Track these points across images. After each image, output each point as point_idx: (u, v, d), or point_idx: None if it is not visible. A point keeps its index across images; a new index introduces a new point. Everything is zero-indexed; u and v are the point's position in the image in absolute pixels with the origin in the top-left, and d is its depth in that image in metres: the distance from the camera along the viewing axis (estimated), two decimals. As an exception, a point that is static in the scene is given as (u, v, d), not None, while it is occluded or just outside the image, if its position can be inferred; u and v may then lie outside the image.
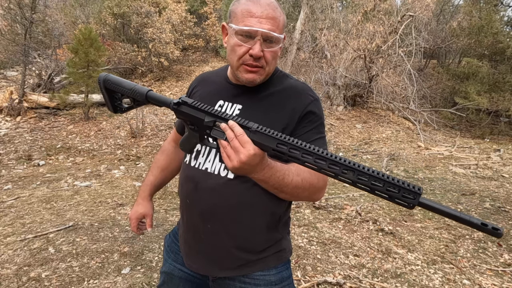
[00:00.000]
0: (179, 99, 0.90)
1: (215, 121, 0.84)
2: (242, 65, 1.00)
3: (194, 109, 0.87)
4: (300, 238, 3.23)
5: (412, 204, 0.64)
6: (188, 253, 1.15)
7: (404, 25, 9.50)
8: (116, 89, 1.02)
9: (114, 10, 10.65)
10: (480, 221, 0.62)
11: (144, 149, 6.98)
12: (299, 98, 1.04)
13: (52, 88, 9.01)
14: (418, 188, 0.64)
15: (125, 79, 1.03)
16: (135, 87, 0.99)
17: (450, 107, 10.03)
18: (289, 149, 0.73)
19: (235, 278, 1.08)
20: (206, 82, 1.19)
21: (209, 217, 1.05)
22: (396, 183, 0.65)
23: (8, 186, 4.72)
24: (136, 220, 1.32)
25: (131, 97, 1.00)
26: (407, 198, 0.65)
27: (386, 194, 0.66)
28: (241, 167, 0.78)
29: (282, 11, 1.01)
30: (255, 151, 0.77)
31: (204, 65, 12.35)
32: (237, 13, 0.98)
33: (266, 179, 0.87)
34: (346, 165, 0.69)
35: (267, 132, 0.76)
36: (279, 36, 0.97)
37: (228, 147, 0.79)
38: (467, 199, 4.53)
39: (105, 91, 1.04)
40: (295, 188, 0.92)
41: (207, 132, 0.86)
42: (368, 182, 0.67)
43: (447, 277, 2.66)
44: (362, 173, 0.67)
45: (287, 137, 0.75)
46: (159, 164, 1.33)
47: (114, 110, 1.06)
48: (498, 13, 11.36)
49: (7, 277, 2.46)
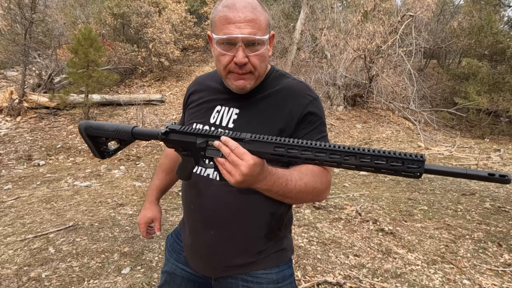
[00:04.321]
0: (166, 127, 0.89)
1: (207, 141, 0.83)
2: (230, 74, 0.98)
3: (183, 134, 0.86)
4: (300, 238, 3.23)
5: (419, 173, 0.65)
6: (192, 256, 1.16)
7: (404, 25, 9.50)
8: (100, 134, 1.00)
9: (114, 11, 10.65)
10: (486, 172, 0.63)
11: (144, 149, 6.98)
12: (297, 99, 1.02)
13: (52, 88, 9.01)
14: (420, 155, 0.65)
15: (106, 122, 1.02)
16: (118, 128, 0.97)
17: (450, 107, 10.02)
18: (287, 150, 0.73)
19: (237, 277, 1.09)
20: (203, 87, 1.17)
21: (212, 224, 1.06)
22: (398, 156, 0.66)
23: (8, 186, 4.72)
24: (145, 224, 1.32)
25: (117, 138, 0.98)
26: (412, 168, 0.65)
27: (392, 169, 0.66)
28: (244, 180, 0.77)
29: (263, 9, 0.96)
30: (254, 160, 0.76)
31: (204, 65, 12.35)
32: (215, 22, 0.94)
33: (269, 187, 0.85)
34: (346, 151, 0.68)
35: (261, 139, 0.76)
36: (262, 38, 0.93)
37: (226, 163, 0.77)
38: (467, 199, 4.53)
39: (88, 138, 1.02)
40: (299, 193, 0.91)
41: (202, 154, 0.85)
42: (371, 162, 0.67)
43: (447, 277, 2.66)
44: (364, 154, 0.67)
45: (282, 139, 0.74)
46: (163, 168, 1.33)
47: (101, 156, 1.04)
48: (498, 13, 11.36)
49: (7, 277, 2.46)
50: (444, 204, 4.32)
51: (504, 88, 9.31)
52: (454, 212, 4.06)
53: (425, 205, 4.27)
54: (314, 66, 10.70)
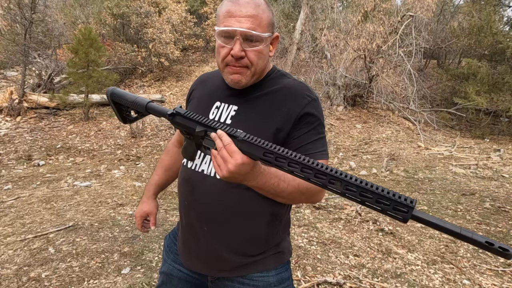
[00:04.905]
0: (174, 109, 0.93)
1: (206, 131, 0.85)
2: (227, 67, 0.99)
3: (187, 119, 0.90)
4: (300, 238, 3.23)
5: (405, 219, 0.61)
6: (186, 253, 1.15)
7: (404, 25, 9.50)
8: (121, 101, 1.07)
9: (113, 11, 10.65)
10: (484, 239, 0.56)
11: (144, 149, 6.98)
12: (295, 99, 1.01)
13: (52, 88, 9.01)
14: (410, 200, 0.61)
15: (129, 92, 1.08)
16: (136, 100, 1.03)
17: (450, 107, 10.02)
18: (276, 158, 0.73)
19: (234, 279, 1.08)
20: (205, 84, 1.19)
21: (206, 220, 1.05)
22: (386, 195, 0.62)
23: (8, 186, 4.72)
24: (141, 218, 1.34)
25: (134, 109, 1.05)
26: (399, 212, 0.61)
27: (377, 206, 0.63)
28: (230, 176, 0.79)
29: (267, 8, 0.97)
30: (243, 160, 0.76)
31: (204, 65, 12.35)
32: (219, 15, 0.97)
33: (260, 186, 0.86)
34: (333, 175, 0.66)
35: (253, 141, 0.76)
36: (261, 34, 0.94)
37: (218, 156, 0.79)
38: (467, 199, 4.53)
39: (112, 103, 1.10)
40: (292, 193, 0.92)
41: (200, 141, 0.88)
42: (356, 193, 0.64)
43: (447, 277, 2.66)
44: (350, 183, 0.64)
45: (273, 146, 0.74)
46: (163, 164, 1.35)
47: (123, 120, 1.12)
48: (498, 13, 11.36)
49: (7, 277, 2.46)
50: (444, 204, 4.33)
51: (503, 88, 9.31)
52: (454, 212, 4.06)
53: (425, 205, 4.27)
54: (314, 66, 10.70)
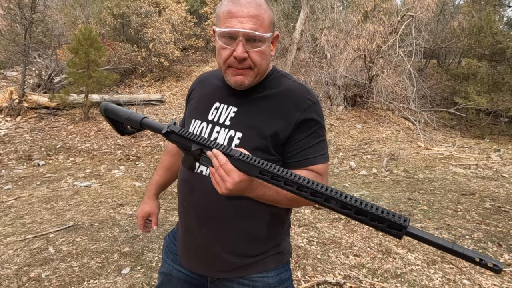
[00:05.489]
0: (168, 127, 0.93)
1: (201, 149, 0.87)
2: (229, 68, 0.98)
3: (181, 137, 0.91)
4: (300, 238, 3.23)
5: (399, 235, 0.63)
6: (185, 254, 1.14)
7: (404, 25, 9.49)
8: (116, 118, 1.07)
9: (113, 11, 10.65)
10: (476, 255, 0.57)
11: (144, 149, 6.98)
12: (296, 102, 1.01)
13: (52, 88, 9.01)
14: (404, 219, 0.63)
15: (122, 108, 1.07)
16: (130, 116, 1.03)
17: (450, 107, 10.02)
18: (272, 177, 0.75)
19: (233, 280, 1.07)
20: (204, 84, 1.18)
21: (204, 221, 1.05)
22: (380, 214, 0.64)
23: (8, 186, 4.72)
24: (142, 218, 1.34)
25: (128, 125, 1.05)
26: (393, 229, 0.63)
27: (371, 225, 0.65)
28: (230, 193, 0.82)
29: (268, 8, 0.96)
30: (240, 178, 0.79)
31: (204, 65, 12.35)
32: (219, 15, 0.95)
33: (260, 196, 0.89)
34: (328, 194, 0.68)
35: (248, 160, 0.78)
36: (263, 34, 0.93)
37: (216, 174, 0.82)
38: (467, 199, 4.53)
39: (107, 119, 1.10)
40: (291, 200, 0.94)
41: (198, 157, 0.90)
42: (351, 212, 0.66)
43: (447, 277, 2.66)
44: (345, 203, 0.67)
45: (269, 165, 0.75)
46: (164, 164, 1.35)
47: (121, 133, 1.12)
48: (498, 13, 11.36)
49: (7, 277, 2.46)
50: (444, 204, 4.33)
51: (503, 88, 9.31)
52: (454, 212, 4.06)
53: (425, 205, 4.27)
54: (314, 66, 10.69)
